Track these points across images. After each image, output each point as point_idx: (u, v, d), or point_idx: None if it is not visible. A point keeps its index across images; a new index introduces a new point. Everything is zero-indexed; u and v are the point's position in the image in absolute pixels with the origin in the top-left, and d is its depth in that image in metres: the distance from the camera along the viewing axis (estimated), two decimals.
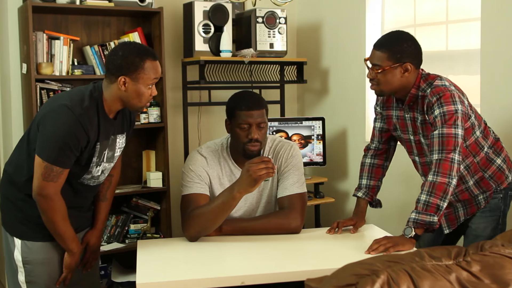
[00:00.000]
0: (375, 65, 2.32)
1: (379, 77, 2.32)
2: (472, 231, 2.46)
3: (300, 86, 4.42)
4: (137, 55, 2.14)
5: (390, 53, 2.29)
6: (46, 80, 3.28)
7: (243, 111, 2.39)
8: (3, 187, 2.32)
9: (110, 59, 2.18)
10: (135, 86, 2.15)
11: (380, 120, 2.62)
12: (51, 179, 2.11)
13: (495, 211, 2.45)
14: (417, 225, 2.19)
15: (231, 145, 2.53)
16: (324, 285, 1.40)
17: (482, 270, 1.43)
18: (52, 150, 2.09)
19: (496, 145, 2.47)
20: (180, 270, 2.10)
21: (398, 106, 2.46)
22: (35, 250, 2.24)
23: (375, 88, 2.37)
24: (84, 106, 2.12)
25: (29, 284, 2.25)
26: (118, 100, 2.20)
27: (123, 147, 2.40)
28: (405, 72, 2.31)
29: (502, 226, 2.47)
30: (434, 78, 2.35)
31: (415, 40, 2.35)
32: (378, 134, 2.65)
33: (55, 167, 2.10)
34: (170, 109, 3.84)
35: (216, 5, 3.66)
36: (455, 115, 2.23)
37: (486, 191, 2.43)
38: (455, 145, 2.22)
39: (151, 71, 2.16)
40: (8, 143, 3.52)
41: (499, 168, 2.44)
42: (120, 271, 3.50)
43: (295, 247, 2.33)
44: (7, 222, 2.30)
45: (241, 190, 2.26)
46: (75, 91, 2.22)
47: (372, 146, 2.67)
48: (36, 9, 3.22)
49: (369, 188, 2.62)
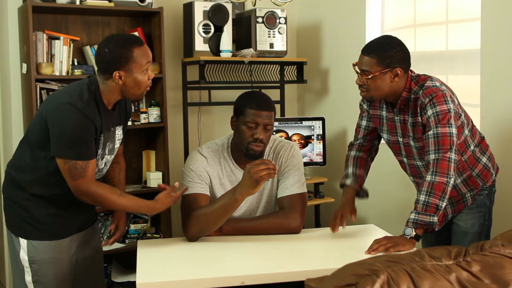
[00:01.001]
0: (364, 71, 2.30)
1: (369, 83, 2.29)
2: (460, 228, 2.48)
3: (300, 86, 4.42)
4: (124, 47, 2.15)
5: (380, 58, 2.27)
6: (46, 80, 3.28)
7: (252, 109, 2.38)
8: (6, 189, 2.32)
9: (99, 57, 2.19)
10: (131, 76, 2.17)
11: (366, 118, 2.62)
12: (78, 176, 2.13)
13: (482, 207, 2.47)
14: (417, 226, 2.19)
15: (232, 144, 2.52)
16: (324, 285, 1.40)
17: (482, 270, 1.43)
18: (69, 147, 2.10)
19: (481, 143, 2.49)
20: (180, 270, 2.10)
21: (387, 108, 2.45)
22: (42, 250, 2.24)
23: (365, 94, 2.35)
24: (85, 100, 2.13)
25: (36, 283, 2.25)
26: (117, 92, 2.21)
27: (122, 139, 2.41)
28: (395, 77, 2.29)
29: (489, 222, 2.50)
30: (425, 79, 2.34)
31: (403, 44, 2.34)
32: (363, 132, 2.64)
33: (78, 162, 2.11)
34: (170, 109, 3.84)
35: (216, 5, 3.66)
36: (448, 114, 2.23)
37: (473, 189, 2.45)
38: (451, 144, 2.22)
39: (141, 57, 2.17)
40: (8, 143, 3.52)
41: (485, 166, 2.46)
42: (120, 271, 3.50)
43: (295, 247, 2.33)
44: (11, 223, 2.30)
45: (243, 192, 2.26)
46: (72, 87, 2.23)
47: (356, 142, 2.67)
48: (36, 9, 3.22)
49: (356, 176, 2.59)
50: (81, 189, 2.15)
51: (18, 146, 2.32)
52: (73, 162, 2.11)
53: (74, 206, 2.29)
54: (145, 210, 2.36)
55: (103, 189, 2.20)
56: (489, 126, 2.91)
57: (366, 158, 2.66)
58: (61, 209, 2.27)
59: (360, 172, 2.61)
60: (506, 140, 2.83)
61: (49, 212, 2.23)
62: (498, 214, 2.60)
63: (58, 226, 2.27)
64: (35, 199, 2.21)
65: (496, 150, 2.84)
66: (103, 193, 2.19)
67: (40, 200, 2.22)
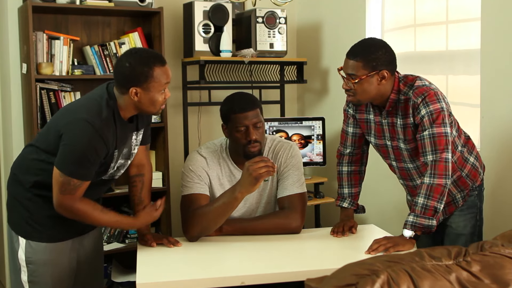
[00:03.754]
0: (351, 75, 2.27)
1: (356, 87, 2.26)
2: (453, 230, 2.47)
3: (300, 86, 4.42)
4: (145, 65, 2.11)
5: (365, 61, 2.23)
6: (46, 80, 3.28)
7: (237, 113, 2.37)
8: (10, 186, 2.32)
9: (118, 70, 2.16)
10: (148, 95, 2.13)
11: (353, 125, 2.56)
12: (68, 192, 2.10)
13: (473, 208, 2.47)
14: (416, 229, 2.20)
15: (230, 146, 2.52)
16: (324, 285, 1.40)
17: (482, 270, 1.43)
18: (72, 164, 2.09)
19: (468, 143, 2.48)
20: (180, 270, 2.10)
21: (374, 111, 2.42)
22: (39, 251, 2.23)
23: (352, 99, 2.32)
24: (103, 118, 2.10)
25: (31, 284, 2.25)
26: (132, 107, 2.19)
27: (140, 140, 2.37)
28: (382, 80, 2.26)
29: (480, 222, 2.50)
30: (413, 79, 2.31)
31: (389, 46, 2.31)
32: (351, 139, 2.59)
33: (73, 180, 2.09)
34: (170, 109, 3.84)
35: (216, 5, 3.66)
36: (442, 113, 2.22)
37: (463, 190, 2.44)
38: (447, 143, 2.22)
39: (161, 77, 2.13)
40: (8, 143, 3.52)
41: (473, 166, 2.45)
42: (120, 271, 3.50)
43: (295, 247, 2.33)
44: (13, 220, 2.30)
45: (243, 191, 2.26)
46: (91, 101, 2.18)
47: (345, 152, 2.63)
48: (36, 9, 3.22)
49: (352, 197, 2.62)
50: (65, 204, 2.12)
51: (25, 149, 2.32)
52: (68, 179, 2.09)
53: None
54: (126, 227, 2.35)
55: (86, 206, 2.16)
56: (489, 126, 2.91)
57: (358, 170, 2.65)
58: None
59: (355, 190, 2.63)
60: (506, 140, 2.83)
61: (50, 214, 2.21)
62: (498, 215, 2.59)
63: (59, 229, 2.25)
64: (37, 198, 2.21)
65: (496, 150, 2.84)
66: (86, 210, 2.16)
67: (42, 202, 2.21)
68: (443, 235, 2.51)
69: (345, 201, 2.62)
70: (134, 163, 2.43)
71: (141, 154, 2.44)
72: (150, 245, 2.32)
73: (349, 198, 2.61)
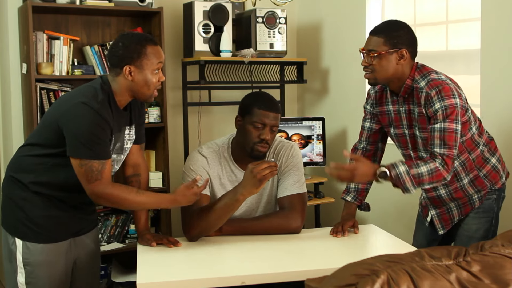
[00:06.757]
0: (371, 51, 2.30)
1: (375, 62, 2.29)
2: (464, 231, 2.45)
3: (300, 86, 4.42)
4: (138, 43, 2.16)
5: (387, 38, 2.27)
6: (46, 80, 3.29)
7: (261, 110, 2.38)
8: (6, 187, 2.30)
9: (112, 52, 2.19)
10: (141, 73, 2.17)
11: (370, 120, 2.59)
12: (95, 179, 2.10)
13: (489, 212, 2.43)
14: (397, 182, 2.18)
15: (233, 144, 2.52)
16: (324, 285, 1.40)
17: (482, 270, 1.43)
18: (83, 146, 2.09)
19: (490, 144, 2.46)
20: (180, 270, 2.10)
21: (392, 100, 2.43)
22: (36, 252, 2.22)
23: (369, 76, 2.33)
24: (99, 100, 2.12)
25: (29, 285, 2.23)
26: (127, 91, 2.20)
27: (133, 139, 2.38)
28: (400, 59, 2.28)
29: (495, 228, 2.46)
30: (429, 70, 2.33)
31: (411, 29, 2.34)
32: (366, 134, 2.61)
33: (93, 163, 2.09)
34: (170, 109, 3.84)
35: (216, 5, 3.66)
36: (456, 109, 2.22)
37: (481, 190, 2.42)
38: (455, 140, 2.22)
39: (153, 56, 2.17)
40: (8, 143, 3.52)
41: (494, 167, 2.43)
42: (120, 271, 3.50)
43: (295, 247, 2.33)
44: (8, 222, 2.28)
45: (245, 193, 2.26)
46: (85, 87, 2.21)
47: (360, 147, 2.65)
48: (36, 9, 3.22)
49: (358, 192, 2.61)
50: (97, 192, 2.12)
51: (19, 150, 2.30)
52: (89, 164, 2.09)
53: (76, 211, 2.27)
54: (167, 204, 2.34)
55: (120, 190, 2.17)
56: (489, 126, 2.90)
57: None
58: (62, 211, 2.24)
59: (362, 186, 2.61)
60: (506, 140, 2.83)
61: (46, 214, 2.20)
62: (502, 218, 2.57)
63: (55, 229, 2.24)
64: (32, 198, 2.19)
65: None
66: (120, 194, 2.16)
67: (41, 200, 2.20)
68: (455, 236, 2.50)
69: (349, 195, 2.61)
70: (129, 163, 2.44)
71: (136, 154, 2.45)
72: (150, 245, 2.32)
73: (354, 193, 2.60)
